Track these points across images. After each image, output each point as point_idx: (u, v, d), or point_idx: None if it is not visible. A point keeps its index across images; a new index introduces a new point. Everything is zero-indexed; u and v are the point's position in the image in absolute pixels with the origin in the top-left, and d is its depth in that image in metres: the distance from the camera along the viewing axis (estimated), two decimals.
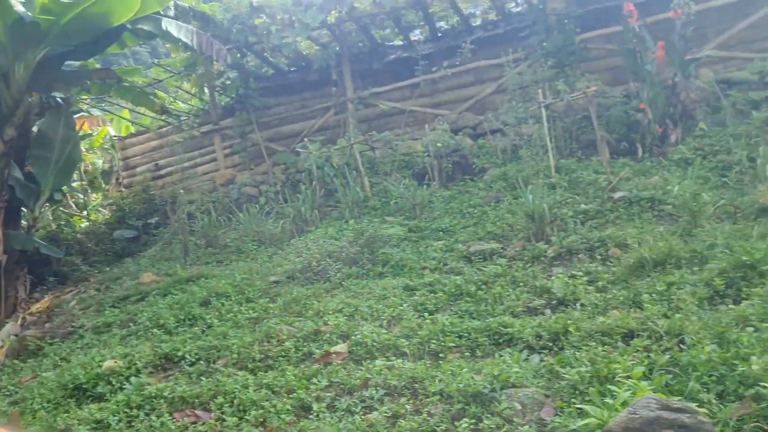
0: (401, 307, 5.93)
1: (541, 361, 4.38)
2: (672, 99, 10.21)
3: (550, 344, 4.64)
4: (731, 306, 4.63)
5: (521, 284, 6.09)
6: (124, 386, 5.14)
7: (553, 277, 6.07)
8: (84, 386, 5.32)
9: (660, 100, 10.11)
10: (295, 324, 5.88)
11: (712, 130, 9.72)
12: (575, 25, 12.15)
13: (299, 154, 13.13)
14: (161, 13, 10.24)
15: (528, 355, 4.54)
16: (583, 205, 8.04)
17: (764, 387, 3.26)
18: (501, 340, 4.88)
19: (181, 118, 15.71)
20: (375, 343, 5.06)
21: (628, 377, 3.54)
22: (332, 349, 5.16)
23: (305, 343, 5.40)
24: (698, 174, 8.33)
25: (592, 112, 9.73)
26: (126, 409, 4.69)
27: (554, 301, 5.54)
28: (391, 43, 14.84)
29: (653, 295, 5.10)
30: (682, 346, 4.14)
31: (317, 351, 5.21)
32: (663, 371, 3.73)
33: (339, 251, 7.93)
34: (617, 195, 8.02)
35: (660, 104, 10.11)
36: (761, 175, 7.36)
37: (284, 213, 10.97)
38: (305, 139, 12.95)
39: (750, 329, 4.09)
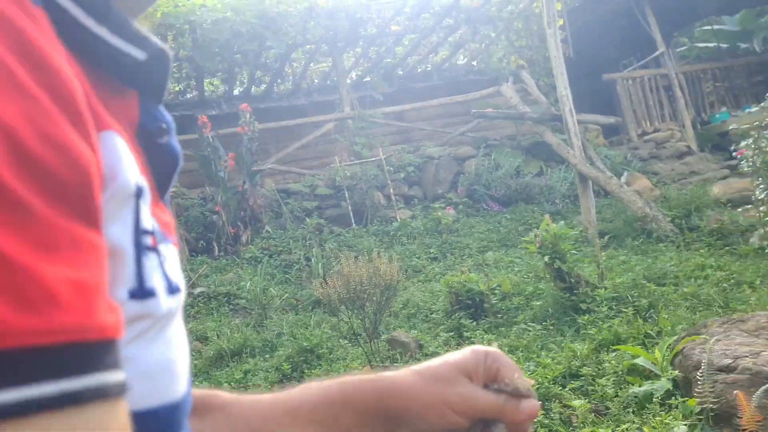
0: None
1: None
2: (242, 203, 11.39)
3: None
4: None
5: None
6: None
7: None
8: None
9: (232, 204, 11.19)
10: None
11: (276, 232, 11.14)
12: None
13: None
14: None
15: None
16: None
17: None
18: None
19: None
20: None
21: None
22: None
23: None
24: (266, 271, 9.38)
25: (172, 212, 10.18)
26: None
27: None
28: None
29: (232, 383, 5.55)
30: None
31: None
32: None
33: None
34: (197, 291, 8.49)
35: (232, 208, 11.18)
36: (315, 272, 8.77)
37: None
38: None
39: None
